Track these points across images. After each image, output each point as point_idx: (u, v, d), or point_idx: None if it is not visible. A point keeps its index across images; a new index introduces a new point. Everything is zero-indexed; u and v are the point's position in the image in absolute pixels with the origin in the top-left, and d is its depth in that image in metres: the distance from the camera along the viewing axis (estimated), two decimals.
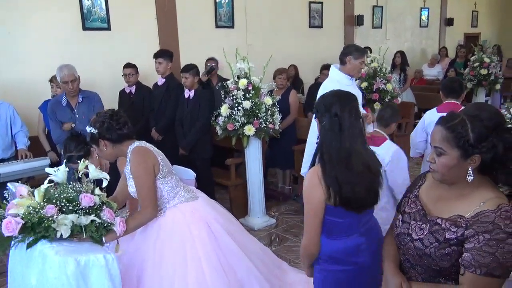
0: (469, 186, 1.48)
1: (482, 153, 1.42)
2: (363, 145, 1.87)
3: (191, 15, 6.51)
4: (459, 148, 1.43)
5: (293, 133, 5.25)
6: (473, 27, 12.97)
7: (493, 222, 1.38)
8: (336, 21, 8.85)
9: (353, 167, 1.79)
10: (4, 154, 4.12)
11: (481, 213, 1.42)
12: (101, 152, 2.48)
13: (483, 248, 1.37)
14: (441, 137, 1.46)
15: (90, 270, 1.99)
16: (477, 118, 1.42)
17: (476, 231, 1.40)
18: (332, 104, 1.85)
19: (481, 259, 1.37)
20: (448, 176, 1.50)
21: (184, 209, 2.53)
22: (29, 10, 5.13)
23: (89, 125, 2.45)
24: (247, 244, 2.72)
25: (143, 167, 2.39)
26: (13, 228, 1.91)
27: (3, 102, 4.20)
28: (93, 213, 2.05)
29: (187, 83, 4.64)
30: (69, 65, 3.97)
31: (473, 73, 7.45)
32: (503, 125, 1.43)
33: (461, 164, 1.45)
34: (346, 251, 1.87)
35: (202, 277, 2.37)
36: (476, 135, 1.41)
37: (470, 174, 1.45)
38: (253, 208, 4.56)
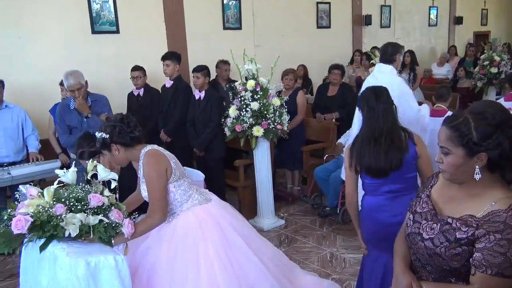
0: (480, 185, 1.47)
1: (488, 151, 1.40)
2: (394, 124, 2.42)
3: (198, 17, 6.54)
4: (463, 147, 1.43)
5: (301, 133, 5.25)
6: (482, 25, 12.85)
7: (505, 222, 1.37)
8: (344, 21, 8.82)
9: (381, 142, 2.36)
10: (16, 157, 4.17)
11: (492, 212, 1.41)
12: (113, 157, 2.48)
13: (494, 248, 1.36)
14: (446, 137, 1.47)
15: (100, 272, 2.00)
16: (480, 116, 1.41)
17: (487, 231, 1.39)
18: (369, 97, 2.46)
19: (492, 259, 1.36)
20: (456, 175, 1.49)
21: (198, 212, 2.52)
22: (39, 15, 5.19)
23: (98, 131, 2.44)
24: (260, 247, 2.70)
25: (156, 170, 2.39)
26: (22, 226, 1.93)
27: (15, 106, 4.25)
28: (101, 213, 2.07)
29: (197, 83, 4.66)
30: (75, 72, 3.92)
31: (483, 72, 7.38)
32: (509, 122, 1.41)
33: (468, 162, 1.44)
34: (371, 206, 2.46)
35: (214, 280, 2.36)
36: (480, 133, 1.40)
37: (477, 173, 1.43)
38: (262, 209, 4.56)
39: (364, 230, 2.54)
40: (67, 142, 4.09)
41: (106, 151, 2.47)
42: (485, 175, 1.45)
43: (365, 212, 2.50)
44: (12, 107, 4.21)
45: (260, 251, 2.65)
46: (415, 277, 1.63)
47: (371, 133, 2.40)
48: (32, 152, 4.20)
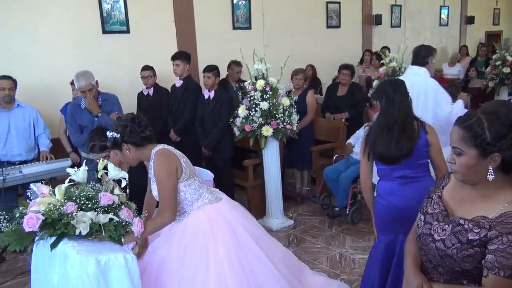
0: (493, 186, 1.45)
1: (502, 151, 1.38)
2: (408, 115, 2.56)
3: (208, 17, 6.55)
4: (476, 147, 1.41)
5: (310, 133, 5.23)
6: (494, 25, 12.70)
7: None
8: (354, 21, 8.78)
9: (393, 131, 2.50)
10: (27, 156, 4.21)
11: (505, 214, 1.39)
12: (124, 156, 2.49)
13: (507, 249, 1.34)
14: (458, 137, 1.45)
15: (110, 270, 2.02)
16: (494, 116, 1.40)
17: (499, 232, 1.37)
18: (386, 89, 2.61)
19: (504, 261, 1.35)
20: (468, 176, 1.48)
21: (208, 211, 2.53)
22: (50, 14, 5.24)
23: (110, 130, 2.46)
24: (270, 248, 2.69)
25: (166, 169, 2.40)
26: (33, 223, 1.96)
27: (27, 105, 4.29)
28: (112, 211, 2.08)
29: (208, 83, 4.68)
30: (85, 73, 3.95)
31: (495, 72, 7.29)
32: None
33: (481, 163, 1.42)
34: (384, 190, 2.62)
35: (223, 279, 2.36)
36: (493, 133, 1.38)
37: (491, 173, 1.41)
38: (271, 209, 4.56)
39: (376, 212, 2.69)
40: (78, 141, 4.12)
41: (117, 150, 2.48)
42: (498, 176, 1.43)
43: (379, 195, 2.67)
44: (24, 106, 4.25)
45: (270, 251, 2.65)
46: (426, 278, 1.62)
47: (386, 123, 2.55)
48: (43, 151, 4.25)
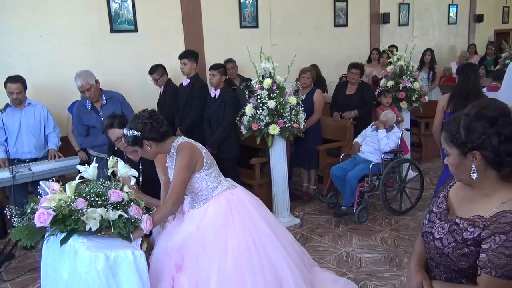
0: (489, 185, 1.44)
1: (481, 149, 1.38)
2: (479, 88, 3.86)
3: (215, 16, 6.57)
4: (456, 147, 1.42)
5: (318, 132, 5.23)
6: (504, 23, 12.58)
7: (511, 223, 1.34)
8: (362, 20, 8.75)
9: (469, 99, 3.47)
10: (37, 154, 4.26)
11: (500, 213, 1.38)
12: (145, 152, 2.55)
13: (499, 249, 1.33)
14: (443, 139, 1.48)
15: (119, 266, 2.05)
16: (472, 115, 1.40)
17: (493, 232, 1.36)
18: (465, 67, 3.90)
19: (496, 260, 1.34)
20: (458, 175, 1.49)
21: (227, 195, 2.65)
22: (59, 14, 5.29)
23: (127, 129, 2.49)
24: (282, 234, 2.79)
25: (187, 161, 2.49)
26: (44, 219, 1.99)
27: (38, 104, 4.34)
28: (121, 208, 2.11)
29: (213, 81, 4.69)
30: (83, 73, 3.96)
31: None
32: (502, 119, 1.36)
33: (464, 162, 1.43)
34: None
35: (238, 259, 2.46)
36: (466, 131, 1.39)
37: (474, 171, 1.41)
38: (278, 207, 4.57)
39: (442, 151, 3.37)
40: (84, 144, 4.17)
41: (137, 147, 2.53)
42: (492, 174, 1.42)
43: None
44: (35, 104, 4.30)
45: (282, 237, 2.74)
46: (428, 276, 1.62)
47: (462, 91, 3.74)
48: (51, 149, 4.29)
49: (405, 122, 5.63)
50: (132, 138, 2.48)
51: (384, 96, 5.33)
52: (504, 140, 1.34)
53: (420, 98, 5.53)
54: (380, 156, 4.61)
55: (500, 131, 1.34)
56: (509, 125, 1.35)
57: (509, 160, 1.36)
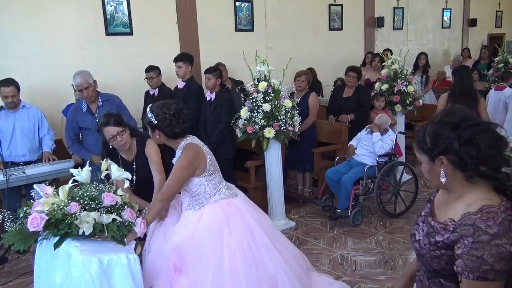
0: (461, 189, 1.47)
1: (446, 154, 1.42)
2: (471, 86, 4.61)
3: (211, 19, 6.58)
4: (425, 153, 1.48)
5: (313, 135, 5.24)
6: (497, 27, 12.68)
7: (474, 224, 1.36)
8: (356, 23, 8.79)
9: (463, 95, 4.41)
10: (31, 157, 4.23)
11: (464, 215, 1.40)
12: (152, 136, 2.63)
13: (470, 252, 1.35)
14: (415, 147, 1.54)
15: (112, 270, 2.04)
16: (435, 123, 1.45)
17: (460, 235, 1.38)
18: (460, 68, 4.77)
19: (470, 263, 1.34)
20: (431, 181, 1.54)
21: (224, 205, 2.63)
22: (54, 17, 5.28)
23: (150, 110, 2.54)
24: (282, 243, 2.79)
25: (187, 162, 2.51)
26: (37, 223, 1.98)
27: (32, 106, 4.32)
28: (115, 212, 2.10)
29: (209, 84, 4.69)
30: (82, 72, 3.96)
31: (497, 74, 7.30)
32: (464, 123, 1.40)
33: (433, 167, 1.47)
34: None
35: (235, 269, 2.45)
36: (430, 138, 1.44)
37: (442, 176, 1.45)
38: (273, 210, 4.57)
39: None
40: (74, 149, 4.15)
41: (148, 128, 2.59)
42: (460, 177, 1.45)
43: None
44: (29, 107, 4.28)
45: (281, 246, 2.73)
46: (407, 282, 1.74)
47: (458, 89, 4.50)
48: (45, 151, 4.26)
49: (399, 125, 5.65)
50: (148, 121, 2.55)
51: (377, 100, 5.35)
52: (464, 143, 1.38)
53: (414, 101, 5.56)
54: (375, 159, 4.62)
55: (461, 135, 1.39)
56: (469, 129, 1.39)
57: (471, 162, 1.39)
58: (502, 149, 1.40)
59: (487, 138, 1.38)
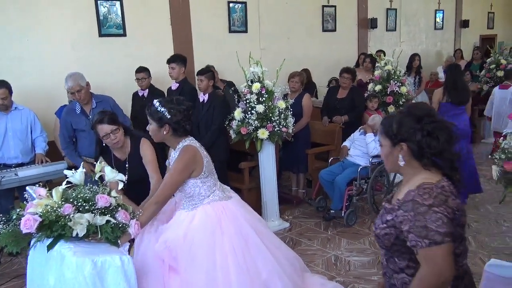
0: (410, 173, 1.67)
1: (407, 141, 1.62)
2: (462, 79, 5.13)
3: (204, 20, 6.57)
4: (389, 138, 1.67)
5: (307, 136, 5.25)
6: (489, 28, 12.78)
7: (413, 199, 1.56)
8: (350, 25, 8.82)
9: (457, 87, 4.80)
10: (24, 159, 4.20)
11: (406, 194, 1.60)
12: (158, 132, 2.56)
13: (415, 224, 1.52)
14: (380, 131, 1.74)
15: (106, 271, 2.03)
16: (404, 112, 1.67)
17: (403, 211, 1.57)
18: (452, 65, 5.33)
19: (419, 233, 1.52)
20: (388, 165, 1.74)
21: (217, 207, 2.63)
22: (47, 18, 5.25)
23: (161, 104, 2.50)
24: (275, 245, 2.78)
25: (185, 165, 2.50)
26: (30, 225, 1.97)
27: (25, 108, 4.29)
28: (109, 213, 2.09)
29: (201, 86, 4.69)
30: (74, 74, 3.94)
31: (489, 75, 7.36)
32: (427, 118, 1.61)
33: (393, 152, 1.68)
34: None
35: (227, 272, 2.44)
36: (397, 125, 1.63)
37: (401, 160, 1.66)
38: (267, 211, 4.57)
39: None
40: (67, 154, 4.13)
41: (155, 123, 2.53)
42: (415, 164, 1.65)
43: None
44: (21, 109, 4.25)
45: (275, 249, 2.73)
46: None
47: (452, 83, 4.81)
48: (38, 153, 4.23)
49: None
50: (159, 115, 2.49)
51: (370, 101, 5.38)
52: (427, 134, 1.59)
53: (407, 102, 5.60)
54: (368, 159, 4.64)
55: (424, 127, 1.60)
56: (432, 123, 1.60)
57: (428, 151, 1.60)
58: (454, 145, 1.64)
59: (445, 134, 1.60)
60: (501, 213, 4.75)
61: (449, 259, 1.51)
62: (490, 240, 4.13)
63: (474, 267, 3.52)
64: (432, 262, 1.51)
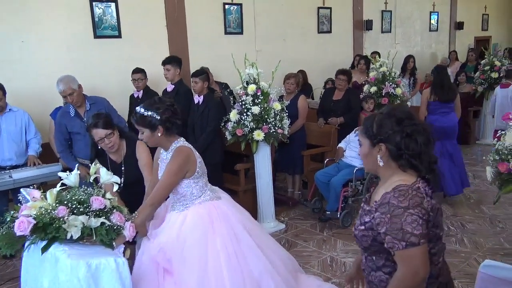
0: (387, 174, 1.70)
1: (385, 142, 1.65)
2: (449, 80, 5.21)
3: (200, 22, 6.57)
4: (368, 138, 1.70)
5: (302, 138, 5.26)
6: (483, 30, 12.86)
7: (388, 202, 1.58)
8: (345, 26, 8.85)
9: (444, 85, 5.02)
10: (18, 161, 4.18)
11: (382, 196, 1.63)
12: (152, 137, 2.53)
13: (392, 226, 1.56)
14: (360, 131, 1.77)
15: (101, 274, 2.02)
16: (385, 114, 1.69)
17: (380, 213, 1.61)
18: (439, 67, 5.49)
19: (395, 235, 1.55)
20: (367, 165, 1.77)
21: (208, 207, 2.64)
22: (41, 19, 5.23)
23: (146, 109, 2.47)
24: (268, 244, 2.79)
25: (180, 166, 2.50)
26: (24, 227, 1.95)
27: (19, 110, 4.26)
28: (103, 215, 2.08)
29: (196, 88, 4.68)
30: (65, 77, 3.93)
31: (484, 77, 7.40)
32: (407, 121, 1.64)
33: (372, 152, 1.70)
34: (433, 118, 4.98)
35: (219, 271, 2.45)
36: (378, 126, 1.66)
37: (380, 161, 1.68)
38: (262, 213, 4.57)
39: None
40: (62, 157, 4.11)
41: (147, 129, 2.50)
42: (391, 164, 1.68)
43: (428, 120, 4.95)
44: (16, 110, 4.23)
45: (267, 247, 2.73)
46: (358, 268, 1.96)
47: (439, 82, 5.04)
48: (31, 155, 4.19)
49: None
50: (148, 119, 2.46)
51: (366, 102, 5.39)
52: (406, 136, 1.62)
53: (403, 103, 5.61)
54: None
55: (404, 129, 1.63)
56: (411, 126, 1.63)
57: (407, 153, 1.63)
58: (432, 148, 1.68)
59: (424, 137, 1.63)
60: (495, 214, 4.77)
61: (425, 259, 1.57)
62: (485, 241, 4.15)
63: (469, 268, 3.54)
64: (409, 262, 1.56)
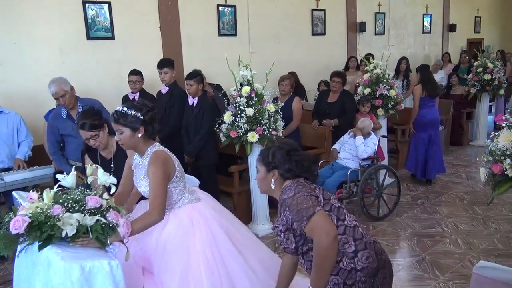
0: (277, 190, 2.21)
1: (278, 168, 2.17)
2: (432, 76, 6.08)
3: (194, 23, 6.57)
4: (264, 165, 2.21)
5: (296, 140, 5.25)
6: (476, 32, 12.97)
7: (283, 201, 2.12)
8: (339, 28, 8.89)
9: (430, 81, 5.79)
10: (10, 163, 4.13)
11: (279, 200, 2.16)
12: (131, 138, 2.48)
13: (293, 214, 2.04)
14: (257, 160, 2.28)
15: (94, 276, 1.99)
16: (276, 146, 2.24)
17: (283, 213, 2.11)
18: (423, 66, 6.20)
19: (298, 218, 2.02)
20: (262, 187, 2.28)
21: (189, 210, 2.64)
22: (34, 21, 5.20)
23: (130, 108, 2.46)
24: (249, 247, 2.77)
25: (163, 171, 2.47)
26: (19, 225, 1.93)
27: (11, 112, 4.23)
28: (99, 214, 2.07)
29: (190, 90, 4.67)
30: (57, 79, 3.90)
31: (477, 79, 7.45)
32: (294, 152, 2.19)
33: (267, 176, 2.21)
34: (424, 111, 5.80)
35: (198, 273, 2.46)
36: (272, 156, 2.19)
37: (272, 184, 2.20)
38: (257, 215, 4.56)
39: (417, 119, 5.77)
40: (55, 159, 4.07)
41: (127, 128, 2.47)
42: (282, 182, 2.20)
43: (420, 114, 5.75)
44: (7, 112, 4.19)
45: (248, 251, 2.72)
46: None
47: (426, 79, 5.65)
48: (17, 158, 4.14)
49: (381, 129, 5.72)
50: (130, 118, 2.44)
51: (362, 105, 5.40)
52: (295, 162, 2.17)
53: (396, 105, 5.64)
54: (358, 162, 4.66)
55: (291, 158, 2.17)
56: (297, 156, 2.19)
57: (296, 171, 2.17)
58: (315, 165, 2.37)
59: (308, 160, 2.22)
60: (489, 215, 4.80)
61: (327, 219, 2.01)
62: (478, 242, 4.16)
63: (463, 269, 3.55)
64: (316, 229, 1.98)
